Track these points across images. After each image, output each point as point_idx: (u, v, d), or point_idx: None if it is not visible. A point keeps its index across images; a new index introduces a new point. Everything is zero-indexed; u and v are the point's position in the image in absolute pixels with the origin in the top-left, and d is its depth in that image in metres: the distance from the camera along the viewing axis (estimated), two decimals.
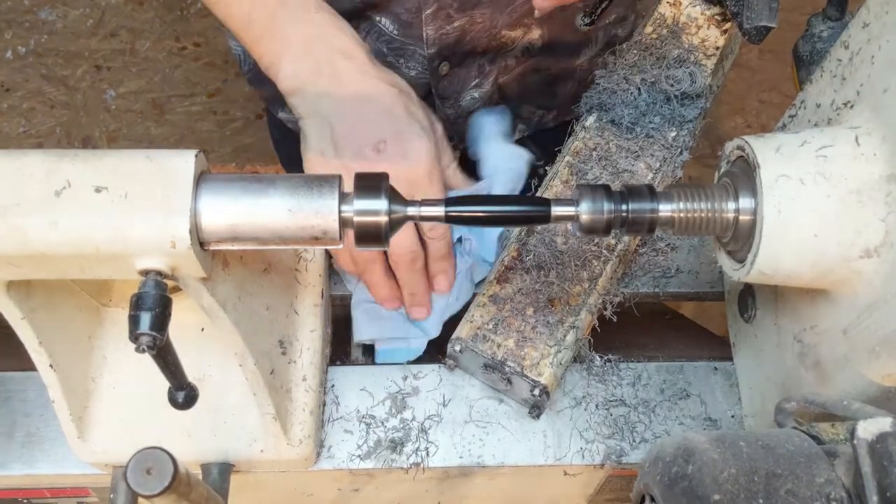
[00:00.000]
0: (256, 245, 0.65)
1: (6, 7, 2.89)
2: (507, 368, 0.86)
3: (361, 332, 0.95)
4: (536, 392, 0.86)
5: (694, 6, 1.04)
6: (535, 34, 1.12)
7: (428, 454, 0.90)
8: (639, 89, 0.98)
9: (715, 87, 1.04)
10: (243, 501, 0.98)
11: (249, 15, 0.88)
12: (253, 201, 0.64)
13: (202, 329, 0.86)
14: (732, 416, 0.94)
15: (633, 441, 0.90)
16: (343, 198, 0.65)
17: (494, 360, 0.86)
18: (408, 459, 0.89)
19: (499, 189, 0.94)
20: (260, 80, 1.21)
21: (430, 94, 1.15)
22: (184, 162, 0.63)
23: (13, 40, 2.85)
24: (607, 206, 0.68)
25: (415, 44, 1.07)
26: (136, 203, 0.61)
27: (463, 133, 1.14)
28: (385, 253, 0.89)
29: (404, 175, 0.83)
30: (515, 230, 0.95)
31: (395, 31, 1.05)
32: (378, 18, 1.04)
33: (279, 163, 1.51)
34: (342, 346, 0.98)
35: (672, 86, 0.97)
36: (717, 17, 1.03)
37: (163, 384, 0.70)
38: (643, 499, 0.63)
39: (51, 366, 0.76)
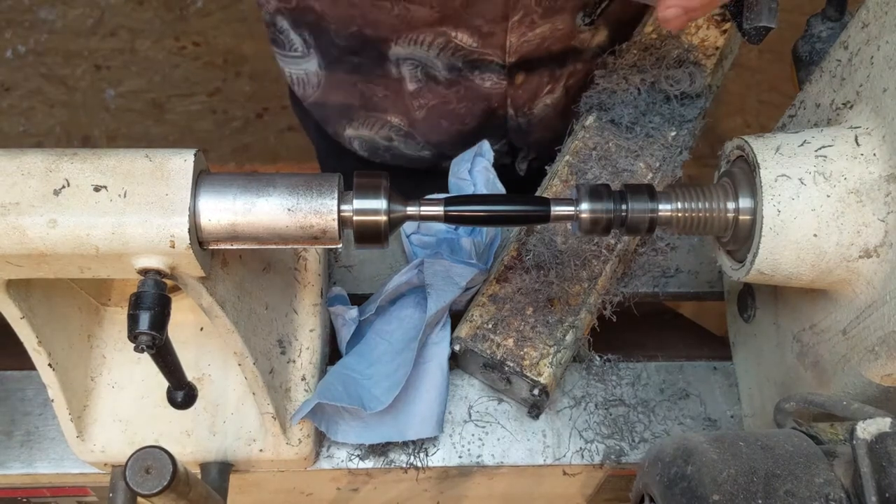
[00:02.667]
0: (255, 244, 0.65)
1: (6, 6, 2.89)
2: (506, 368, 0.86)
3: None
4: (536, 392, 0.85)
5: None
6: (603, 35, 1.12)
7: (427, 454, 0.90)
8: (638, 89, 0.98)
9: (714, 86, 1.04)
10: (242, 501, 0.97)
11: None
12: (252, 201, 0.63)
13: (201, 328, 0.86)
14: (732, 416, 0.94)
15: (633, 441, 0.90)
16: (342, 197, 0.65)
17: (494, 360, 0.86)
18: (407, 459, 0.89)
19: (431, 301, 0.88)
20: (321, 105, 1.20)
21: (504, 105, 1.15)
22: (183, 161, 0.63)
23: (13, 39, 2.84)
24: (607, 205, 0.68)
25: (492, 53, 1.06)
26: (136, 202, 0.61)
27: (532, 143, 1.12)
28: None
29: None
30: (514, 230, 0.95)
31: (474, 44, 1.04)
32: (454, 34, 1.03)
33: (279, 163, 1.50)
34: None
35: (672, 86, 0.97)
36: (716, 17, 1.03)
37: (162, 383, 0.70)
38: (642, 499, 0.63)
39: (50, 365, 0.76)
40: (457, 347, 0.88)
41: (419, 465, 0.89)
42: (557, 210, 0.69)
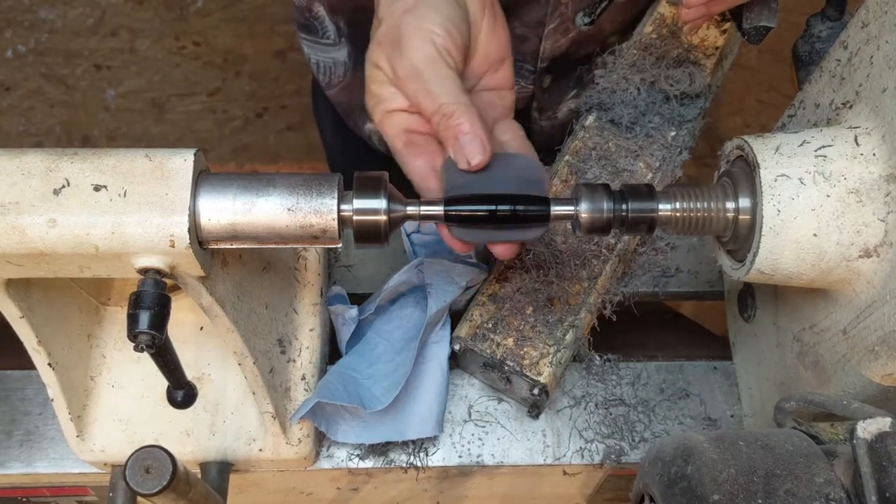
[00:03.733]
0: (255, 244, 0.65)
1: (6, 6, 2.89)
2: (506, 367, 0.86)
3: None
4: (535, 391, 0.85)
5: None
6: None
7: (427, 454, 0.90)
8: (638, 89, 0.98)
9: (714, 86, 1.04)
10: (242, 500, 0.97)
11: None
12: (252, 200, 0.63)
13: (201, 328, 0.86)
14: (732, 416, 0.94)
15: (633, 441, 0.90)
16: (342, 197, 0.65)
17: (494, 359, 0.86)
18: (407, 459, 0.89)
19: (432, 300, 0.88)
20: (346, 95, 1.19)
21: (529, 108, 1.14)
22: (183, 161, 0.63)
23: (13, 39, 2.85)
24: (607, 205, 0.68)
25: (523, 59, 1.05)
26: (135, 202, 0.61)
27: (554, 146, 1.11)
28: None
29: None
30: None
31: None
32: None
33: (279, 163, 1.50)
34: None
35: (671, 85, 0.97)
36: (716, 17, 1.03)
37: (162, 383, 0.70)
38: (642, 498, 0.63)
39: (49, 364, 0.76)
40: (457, 347, 0.88)
41: (419, 464, 0.89)
42: (557, 210, 0.69)
